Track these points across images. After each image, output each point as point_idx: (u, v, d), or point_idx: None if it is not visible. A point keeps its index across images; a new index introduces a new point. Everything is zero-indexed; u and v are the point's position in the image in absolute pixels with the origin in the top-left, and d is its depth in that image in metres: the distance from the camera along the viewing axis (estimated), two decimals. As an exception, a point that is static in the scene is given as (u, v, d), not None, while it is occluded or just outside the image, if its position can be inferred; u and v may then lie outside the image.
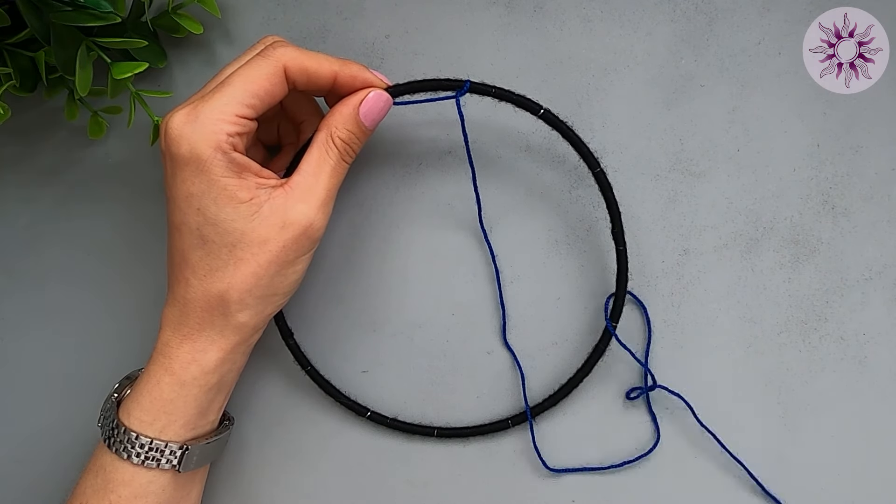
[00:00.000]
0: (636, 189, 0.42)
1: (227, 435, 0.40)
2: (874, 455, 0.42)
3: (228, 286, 0.35)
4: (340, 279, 0.43)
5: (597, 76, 0.42)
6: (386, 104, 0.37)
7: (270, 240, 0.34)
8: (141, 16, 0.40)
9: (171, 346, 0.36)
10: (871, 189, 0.42)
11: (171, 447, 0.36)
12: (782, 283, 0.42)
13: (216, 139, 0.33)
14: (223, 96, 0.34)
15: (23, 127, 0.43)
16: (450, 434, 0.42)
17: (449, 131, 0.42)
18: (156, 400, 0.36)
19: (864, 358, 0.42)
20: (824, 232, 0.42)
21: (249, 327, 0.36)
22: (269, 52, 0.35)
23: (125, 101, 0.41)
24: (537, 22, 0.42)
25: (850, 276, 0.42)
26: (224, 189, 0.34)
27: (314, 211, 0.35)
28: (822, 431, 0.42)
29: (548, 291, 0.42)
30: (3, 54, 0.38)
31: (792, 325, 0.42)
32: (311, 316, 0.43)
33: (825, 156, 0.42)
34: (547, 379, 0.42)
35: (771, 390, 0.42)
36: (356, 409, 0.42)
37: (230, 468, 0.43)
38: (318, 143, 0.36)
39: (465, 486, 0.43)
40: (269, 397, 0.43)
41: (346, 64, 0.36)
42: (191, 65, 0.43)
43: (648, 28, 0.42)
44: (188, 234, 0.35)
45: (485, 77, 0.39)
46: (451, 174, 0.42)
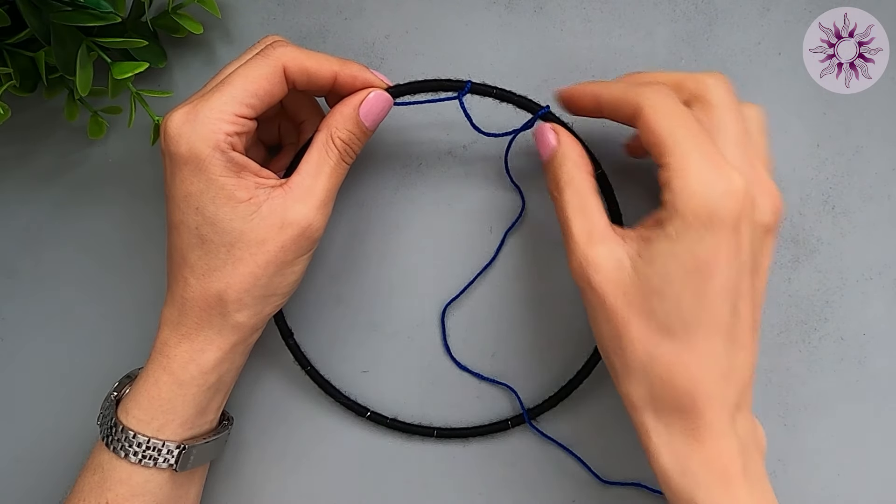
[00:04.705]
0: (636, 190, 0.42)
1: (225, 435, 0.40)
2: (874, 455, 0.42)
3: (227, 286, 0.35)
4: (340, 279, 0.43)
5: (597, 76, 0.42)
6: (386, 104, 0.37)
7: (269, 240, 0.34)
8: (141, 16, 0.40)
9: (169, 346, 0.36)
10: (871, 189, 0.42)
11: (169, 446, 0.36)
12: (782, 283, 0.42)
13: (215, 138, 0.33)
14: (222, 96, 0.34)
15: (23, 127, 0.43)
16: (449, 434, 0.42)
17: (449, 132, 0.42)
18: (154, 399, 0.36)
19: (864, 358, 0.42)
20: (824, 232, 0.42)
21: (248, 327, 0.36)
22: (269, 52, 0.35)
23: (125, 101, 0.41)
24: (537, 22, 0.42)
25: (850, 276, 0.42)
26: (222, 188, 0.34)
27: (313, 211, 0.35)
28: (822, 431, 0.42)
29: (549, 291, 0.42)
30: (3, 54, 0.38)
31: (792, 325, 0.42)
32: (311, 316, 0.43)
33: (825, 156, 0.42)
34: (547, 379, 0.42)
35: (771, 390, 0.42)
36: (356, 409, 0.42)
37: (230, 468, 0.43)
38: (318, 144, 0.36)
39: (464, 486, 0.43)
40: (269, 397, 0.43)
41: (346, 64, 0.36)
42: (191, 65, 0.43)
43: (648, 28, 0.42)
44: (187, 234, 0.35)
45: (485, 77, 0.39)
46: (451, 175, 0.42)
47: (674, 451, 0.32)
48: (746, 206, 0.30)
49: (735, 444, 0.31)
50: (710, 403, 0.31)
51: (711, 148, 0.31)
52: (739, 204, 0.30)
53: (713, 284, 0.30)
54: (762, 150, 0.34)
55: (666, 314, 0.31)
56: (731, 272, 0.30)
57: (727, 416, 0.31)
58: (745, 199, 0.30)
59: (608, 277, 0.32)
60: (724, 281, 0.30)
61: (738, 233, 0.30)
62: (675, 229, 0.30)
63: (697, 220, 0.30)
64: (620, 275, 0.32)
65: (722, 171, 0.30)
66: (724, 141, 0.32)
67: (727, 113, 0.32)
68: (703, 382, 0.31)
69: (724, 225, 0.30)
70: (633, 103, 0.33)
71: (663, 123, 0.31)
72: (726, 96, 0.33)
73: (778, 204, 0.32)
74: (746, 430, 0.32)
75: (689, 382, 0.31)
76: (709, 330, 0.31)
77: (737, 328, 0.31)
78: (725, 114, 0.32)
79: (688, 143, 0.31)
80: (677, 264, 0.31)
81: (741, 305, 0.31)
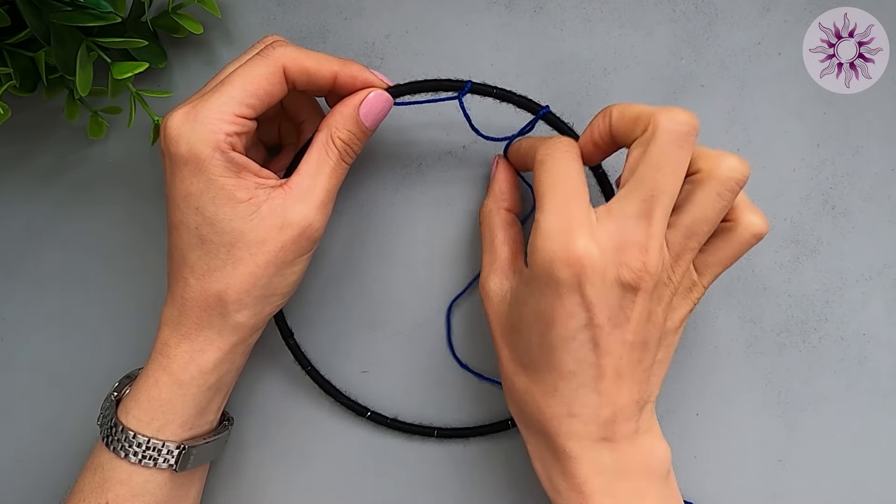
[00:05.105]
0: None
1: (226, 435, 0.40)
2: (874, 455, 0.42)
3: (226, 286, 0.35)
4: (340, 279, 0.43)
5: (597, 76, 0.42)
6: (386, 104, 0.37)
7: (269, 240, 0.34)
8: (141, 16, 0.40)
9: (169, 346, 0.36)
10: (871, 189, 0.42)
11: (169, 446, 0.36)
12: (782, 283, 0.42)
13: (215, 139, 0.33)
14: (222, 96, 0.34)
15: (23, 127, 0.43)
16: (450, 434, 0.42)
17: (449, 132, 0.42)
18: (154, 399, 0.36)
19: (864, 358, 0.42)
20: (824, 232, 0.42)
21: (248, 327, 0.36)
22: (269, 52, 0.35)
23: (125, 101, 0.41)
24: (537, 22, 0.42)
25: (850, 276, 0.42)
26: (222, 189, 0.34)
27: (313, 211, 0.35)
28: (822, 431, 0.42)
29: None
30: (3, 54, 0.38)
31: (792, 325, 0.42)
32: (311, 316, 0.43)
33: (825, 156, 0.42)
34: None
35: (771, 390, 0.42)
36: (356, 409, 0.42)
37: (230, 468, 0.43)
38: (317, 144, 0.36)
39: (464, 486, 0.43)
40: (269, 397, 0.43)
41: (346, 64, 0.36)
42: (191, 65, 0.43)
43: (648, 28, 0.42)
44: (187, 234, 0.35)
45: (485, 77, 0.39)
46: (452, 175, 0.42)
47: (541, 460, 0.35)
48: (588, 270, 0.31)
49: (593, 468, 0.33)
50: (558, 433, 0.33)
51: (573, 209, 0.31)
52: (576, 268, 0.31)
53: (554, 334, 0.32)
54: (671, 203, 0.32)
55: (520, 350, 0.34)
56: (574, 325, 0.31)
57: (582, 447, 0.33)
58: (586, 264, 0.31)
59: (493, 308, 0.36)
60: (564, 332, 0.32)
61: (579, 293, 0.31)
62: (528, 278, 0.33)
63: (541, 275, 0.32)
64: (502, 307, 0.36)
65: (569, 235, 0.31)
66: (629, 191, 0.31)
67: (650, 163, 0.31)
68: (550, 417, 0.33)
69: (561, 285, 0.31)
70: (531, 156, 0.35)
71: (541, 178, 0.33)
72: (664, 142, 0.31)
73: (650, 263, 0.31)
74: (617, 458, 0.33)
75: (538, 413, 0.34)
76: (552, 373, 0.33)
77: (585, 375, 0.32)
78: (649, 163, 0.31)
79: (551, 201, 0.32)
80: (527, 309, 0.33)
81: (595, 356, 0.32)
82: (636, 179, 0.31)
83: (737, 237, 0.33)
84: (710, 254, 0.34)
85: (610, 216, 0.32)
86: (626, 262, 0.31)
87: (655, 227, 0.31)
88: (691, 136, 0.31)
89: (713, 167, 0.32)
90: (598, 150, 0.35)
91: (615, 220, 0.31)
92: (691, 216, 0.32)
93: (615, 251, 0.31)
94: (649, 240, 0.31)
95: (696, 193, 0.32)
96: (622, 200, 0.32)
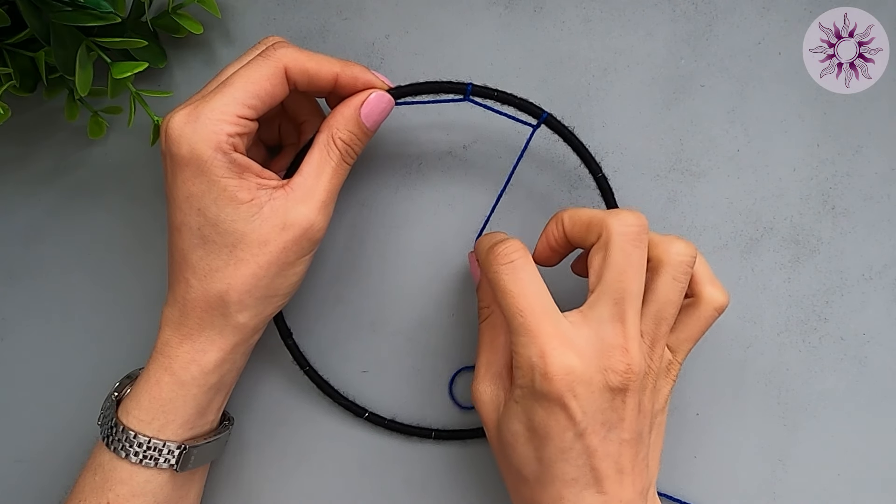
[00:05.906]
0: (636, 189, 0.42)
1: (226, 435, 0.40)
2: (874, 455, 0.42)
3: (228, 287, 0.35)
4: (340, 279, 0.43)
5: (597, 76, 0.42)
6: (387, 105, 0.37)
7: (271, 241, 0.34)
8: (141, 16, 0.40)
9: (170, 346, 0.36)
10: (871, 189, 0.42)
11: (170, 446, 0.36)
12: (782, 283, 0.42)
13: (216, 140, 0.33)
14: (223, 97, 0.34)
15: (23, 127, 0.43)
16: (447, 436, 0.42)
17: (449, 132, 0.42)
18: (155, 399, 0.36)
19: (864, 358, 0.42)
20: (824, 232, 0.42)
21: (249, 328, 0.36)
22: (270, 53, 0.35)
23: (125, 101, 0.41)
24: (537, 22, 0.42)
25: (850, 276, 0.42)
26: (224, 190, 0.34)
27: (315, 212, 0.35)
28: (822, 431, 0.42)
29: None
30: (3, 54, 0.38)
31: (792, 325, 0.42)
32: (311, 316, 0.43)
33: (825, 156, 0.42)
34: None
35: (771, 390, 0.42)
36: (354, 409, 0.42)
37: (230, 468, 0.43)
38: (319, 145, 0.36)
39: (462, 487, 0.43)
40: (268, 397, 0.43)
41: (347, 65, 0.36)
42: (191, 65, 0.43)
43: (648, 28, 0.42)
44: (188, 235, 0.35)
45: (485, 77, 0.39)
46: (452, 175, 0.42)
47: None
48: (575, 383, 0.31)
49: None
50: None
51: (544, 328, 0.32)
52: (563, 383, 0.31)
53: (551, 448, 0.32)
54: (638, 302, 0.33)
55: (517, 465, 0.34)
56: (570, 437, 0.32)
57: None
58: (572, 378, 0.31)
59: (488, 414, 0.36)
60: (561, 445, 0.32)
61: (570, 406, 0.32)
62: (516, 396, 0.33)
63: (529, 393, 0.32)
64: (495, 416, 0.35)
65: (549, 355, 0.31)
66: (598, 296, 0.33)
67: (613, 267, 0.32)
68: None
69: (551, 401, 0.32)
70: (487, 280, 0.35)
71: (501, 301, 0.33)
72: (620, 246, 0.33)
73: (633, 362, 0.32)
74: None
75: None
76: (554, 484, 0.33)
77: (587, 479, 0.33)
78: (612, 267, 0.32)
79: (521, 324, 0.32)
80: (520, 426, 0.33)
81: (595, 460, 0.32)
82: (604, 285, 0.33)
83: (701, 313, 0.35)
84: (680, 331, 0.36)
85: (586, 322, 0.33)
86: (611, 366, 0.32)
87: (630, 327, 0.32)
88: (643, 234, 0.33)
89: (662, 254, 0.34)
90: (555, 255, 0.37)
91: (591, 325, 0.32)
92: (656, 304, 0.33)
93: (597, 357, 0.32)
94: (628, 340, 0.32)
95: (656, 281, 0.34)
96: (594, 306, 0.33)
